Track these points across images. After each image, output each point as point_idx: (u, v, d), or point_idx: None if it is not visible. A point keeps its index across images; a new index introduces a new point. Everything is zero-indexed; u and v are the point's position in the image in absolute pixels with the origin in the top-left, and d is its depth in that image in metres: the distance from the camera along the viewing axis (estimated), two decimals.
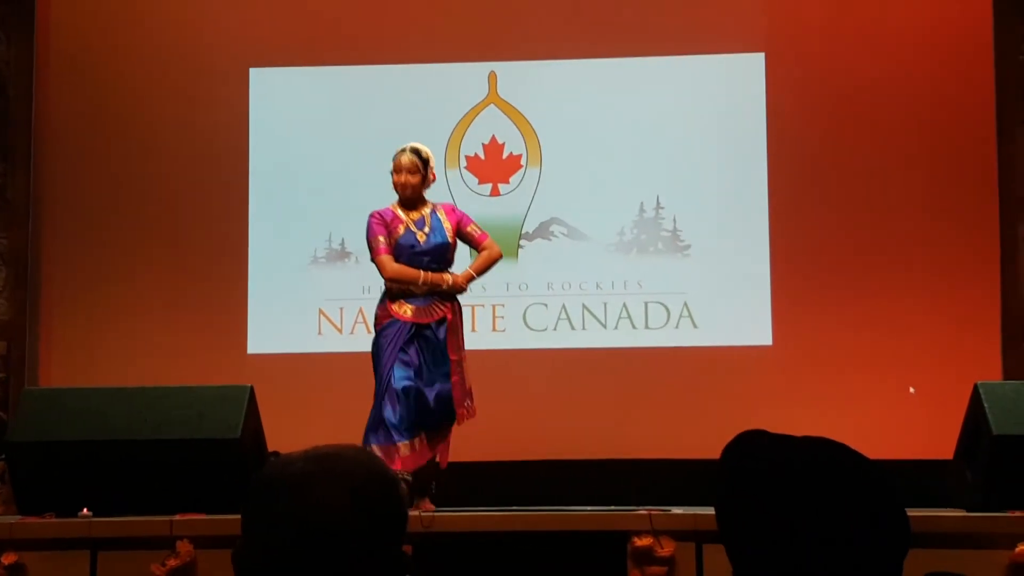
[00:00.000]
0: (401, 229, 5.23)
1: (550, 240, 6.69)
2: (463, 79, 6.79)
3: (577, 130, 6.71)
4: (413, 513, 4.66)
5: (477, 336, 6.57)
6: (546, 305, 6.64)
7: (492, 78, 6.78)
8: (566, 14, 6.77)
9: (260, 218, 6.75)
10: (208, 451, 4.64)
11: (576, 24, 6.77)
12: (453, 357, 5.20)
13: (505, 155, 6.75)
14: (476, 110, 6.78)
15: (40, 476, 4.70)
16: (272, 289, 6.67)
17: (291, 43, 6.83)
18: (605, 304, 6.63)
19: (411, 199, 5.25)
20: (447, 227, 5.27)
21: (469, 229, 5.34)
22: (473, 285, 5.35)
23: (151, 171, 6.81)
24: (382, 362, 5.14)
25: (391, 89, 6.80)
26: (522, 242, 6.67)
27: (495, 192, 6.72)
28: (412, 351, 5.16)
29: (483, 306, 6.62)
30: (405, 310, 5.19)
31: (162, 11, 6.89)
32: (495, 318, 6.64)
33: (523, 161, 6.73)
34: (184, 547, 4.44)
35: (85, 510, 4.63)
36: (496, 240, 5.43)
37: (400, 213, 5.27)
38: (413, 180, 5.20)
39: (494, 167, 6.74)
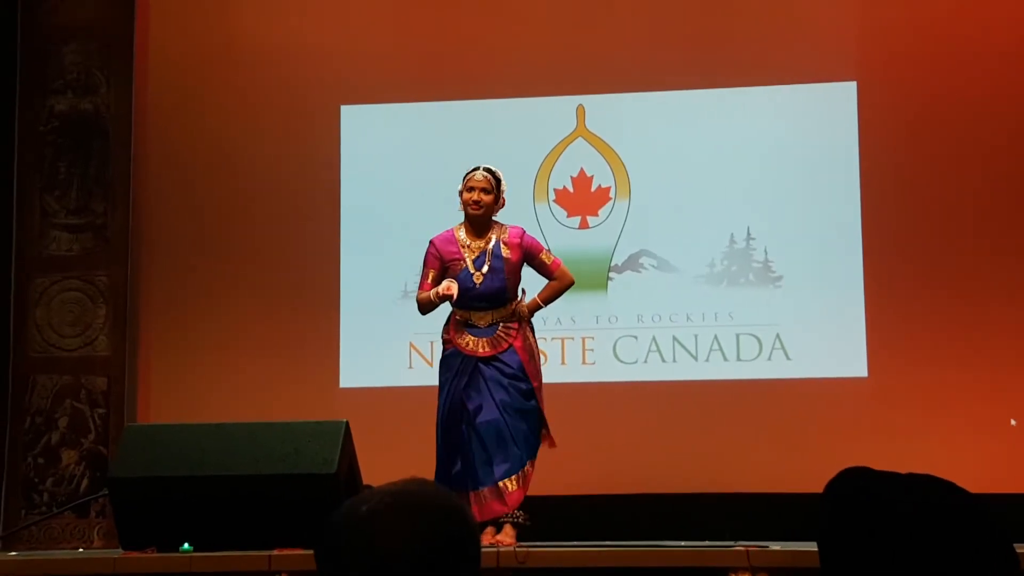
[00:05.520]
0: (459, 267, 5.03)
1: (639, 272, 6.67)
2: (551, 112, 6.81)
3: (666, 161, 6.69)
4: (506, 549, 4.65)
5: (567, 369, 6.57)
6: (636, 337, 6.61)
7: (580, 111, 6.80)
8: (653, 46, 6.77)
9: (351, 252, 6.82)
10: (305, 486, 4.68)
11: (664, 56, 6.76)
12: (535, 384, 5.00)
13: (594, 188, 6.75)
14: (564, 143, 6.80)
15: (141, 511, 4.78)
16: (364, 323, 6.73)
17: (381, 80, 6.92)
18: (696, 336, 6.58)
19: (481, 220, 5.05)
20: (508, 265, 5.04)
21: (542, 257, 5.13)
22: (570, 320, 5.22)
23: (245, 208, 6.94)
24: (440, 398, 5.02)
25: (480, 123, 6.85)
26: (611, 274, 6.65)
27: (584, 225, 6.72)
28: (475, 389, 4.96)
29: (573, 339, 6.61)
30: (467, 341, 5.05)
31: (255, 51, 7.03)
32: (585, 351, 6.63)
33: (612, 193, 6.73)
34: None
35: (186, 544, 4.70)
36: (585, 273, 5.32)
37: (463, 243, 5.06)
38: (486, 198, 5.02)
39: (583, 200, 6.74)
